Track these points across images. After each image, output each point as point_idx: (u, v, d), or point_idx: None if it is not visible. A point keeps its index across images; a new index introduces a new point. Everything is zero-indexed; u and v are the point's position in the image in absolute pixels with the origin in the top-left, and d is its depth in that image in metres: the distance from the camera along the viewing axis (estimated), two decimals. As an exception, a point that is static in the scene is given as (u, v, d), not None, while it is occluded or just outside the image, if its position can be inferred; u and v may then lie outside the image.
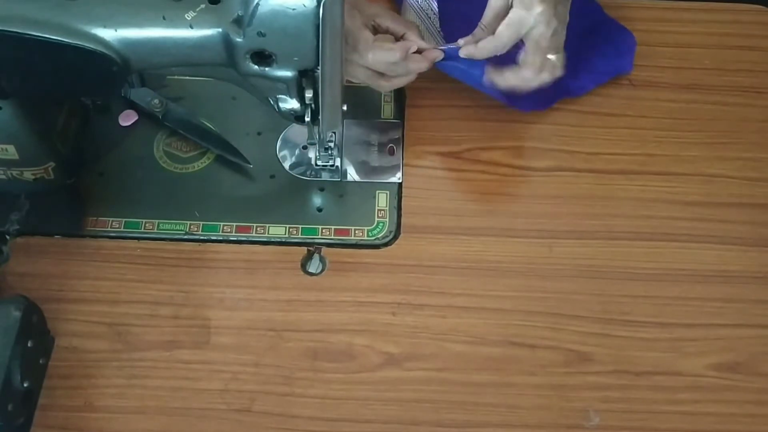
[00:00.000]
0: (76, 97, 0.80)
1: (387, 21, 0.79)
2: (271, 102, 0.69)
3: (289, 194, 0.80)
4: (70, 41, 0.62)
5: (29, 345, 0.64)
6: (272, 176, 0.81)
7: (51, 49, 0.62)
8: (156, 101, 0.83)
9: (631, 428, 0.68)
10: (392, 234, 0.78)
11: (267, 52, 0.64)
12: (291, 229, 0.77)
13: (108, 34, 0.63)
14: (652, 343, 0.72)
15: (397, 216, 0.79)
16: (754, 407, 0.69)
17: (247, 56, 0.65)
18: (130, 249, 0.75)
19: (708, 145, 0.85)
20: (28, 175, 0.76)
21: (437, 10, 0.88)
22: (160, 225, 0.77)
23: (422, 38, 0.79)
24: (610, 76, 0.89)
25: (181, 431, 0.66)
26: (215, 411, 0.67)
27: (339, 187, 0.80)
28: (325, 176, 0.81)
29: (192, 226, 0.77)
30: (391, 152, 0.83)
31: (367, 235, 0.77)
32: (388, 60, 0.76)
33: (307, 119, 0.70)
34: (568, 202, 0.81)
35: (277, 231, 0.77)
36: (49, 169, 0.76)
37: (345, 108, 0.71)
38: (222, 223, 0.77)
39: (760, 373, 0.71)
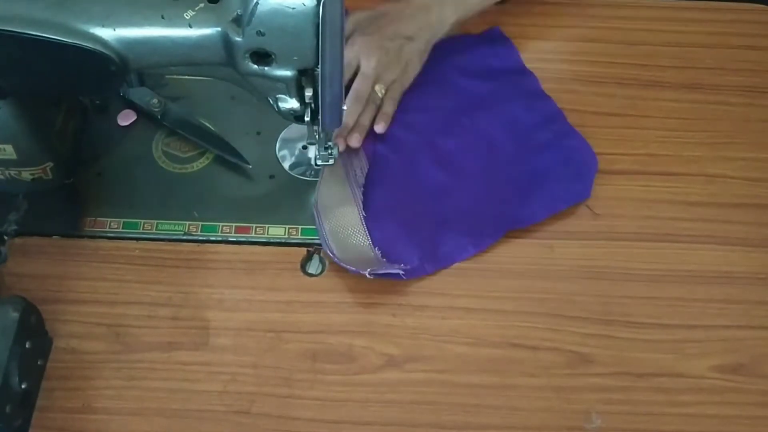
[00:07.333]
0: (75, 96, 0.80)
1: None
2: (271, 102, 0.69)
3: (288, 194, 0.80)
4: (69, 40, 0.61)
5: (27, 346, 0.63)
6: (272, 176, 0.81)
7: (49, 48, 0.62)
8: (155, 101, 0.83)
9: (633, 430, 0.68)
10: (392, 234, 0.77)
11: (266, 52, 0.64)
12: (290, 230, 0.77)
13: (106, 33, 0.62)
14: (654, 345, 0.72)
15: (397, 216, 0.78)
16: (757, 409, 0.69)
17: (247, 55, 0.64)
18: (129, 249, 0.75)
19: (710, 145, 0.85)
20: (26, 174, 0.75)
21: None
22: (159, 225, 0.76)
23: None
24: (567, 205, 0.78)
25: (179, 433, 0.66)
26: (214, 413, 0.67)
27: (339, 188, 0.80)
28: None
29: (191, 227, 0.76)
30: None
31: (368, 236, 0.77)
32: None
33: (307, 119, 0.70)
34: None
35: (277, 231, 0.77)
36: (48, 168, 0.76)
37: (345, 108, 0.71)
38: (221, 224, 0.77)
39: (763, 374, 0.71)
